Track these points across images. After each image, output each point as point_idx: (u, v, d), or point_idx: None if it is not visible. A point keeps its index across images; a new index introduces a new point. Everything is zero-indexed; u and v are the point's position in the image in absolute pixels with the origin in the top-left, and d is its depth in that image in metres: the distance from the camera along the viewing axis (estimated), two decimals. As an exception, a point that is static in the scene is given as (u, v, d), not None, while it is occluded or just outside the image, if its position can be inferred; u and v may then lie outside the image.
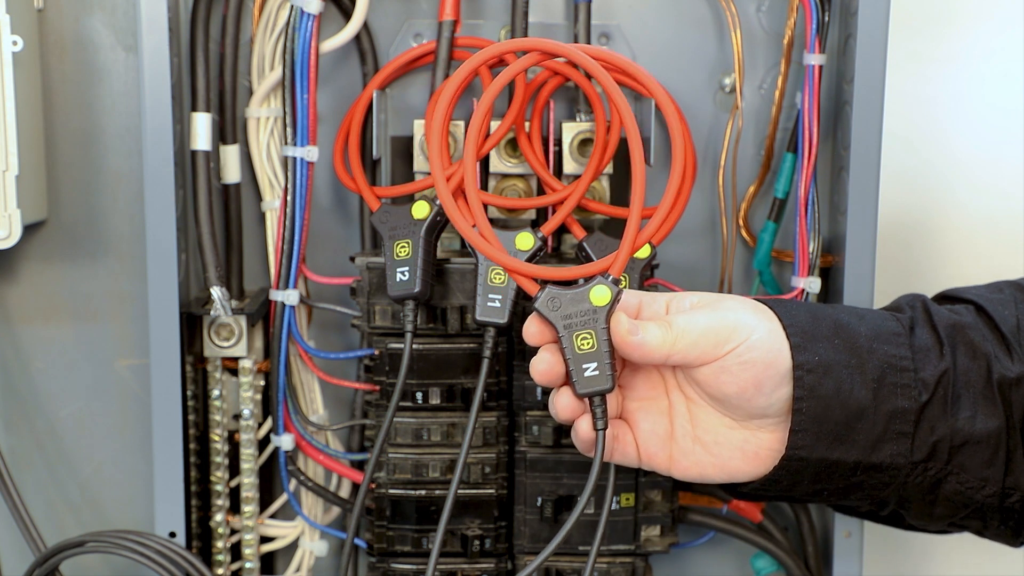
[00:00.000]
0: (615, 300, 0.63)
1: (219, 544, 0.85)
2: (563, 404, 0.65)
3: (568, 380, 0.63)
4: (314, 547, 0.87)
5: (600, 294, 0.63)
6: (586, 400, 0.64)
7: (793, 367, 0.65)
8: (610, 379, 0.63)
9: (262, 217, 0.85)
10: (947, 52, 0.91)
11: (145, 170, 0.78)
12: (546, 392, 0.78)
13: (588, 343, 0.63)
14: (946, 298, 0.75)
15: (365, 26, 0.82)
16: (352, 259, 0.80)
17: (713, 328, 0.64)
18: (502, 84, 0.65)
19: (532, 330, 0.65)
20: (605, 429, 0.63)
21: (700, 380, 0.65)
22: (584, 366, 0.63)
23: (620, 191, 0.85)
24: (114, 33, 0.84)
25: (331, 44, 0.81)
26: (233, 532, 0.86)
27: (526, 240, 0.73)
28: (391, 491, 0.80)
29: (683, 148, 0.66)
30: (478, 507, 0.81)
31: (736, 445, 0.67)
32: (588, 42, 0.81)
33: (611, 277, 0.64)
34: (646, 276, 0.79)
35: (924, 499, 0.68)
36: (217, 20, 0.82)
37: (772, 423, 0.66)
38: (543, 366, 0.64)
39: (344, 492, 0.87)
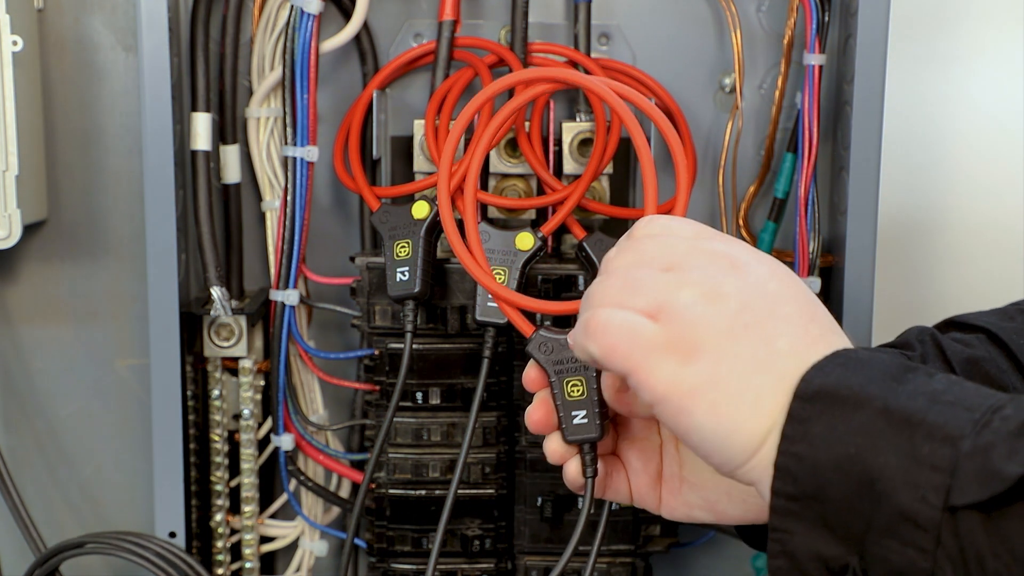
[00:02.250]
0: None
1: (219, 544, 0.85)
2: (552, 449, 0.63)
3: (559, 426, 0.62)
4: (314, 547, 0.87)
5: None
6: (577, 446, 0.63)
7: None
8: (599, 428, 0.61)
9: (262, 217, 0.85)
10: (947, 52, 0.91)
11: (145, 170, 0.78)
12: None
13: (578, 390, 0.62)
14: (952, 324, 0.73)
15: (365, 26, 0.82)
16: (352, 259, 0.80)
17: None
18: (507, 116, 0.64)
19: (531, 375, 0.63)
20: (594, 477, 0.62)
21: None
22: (573, 413, 0.62)
23: (620, 191, 0.85)
24: (114, 33, 0.84)
25: (331, 44, 0.81)
26: (233, 532, 0.86)
27: (526, 240, 0.73)
28: (391, 491, 0.80)
29: (688, 187, 0.65)
30: (478, 507, 0.81)
31: (723, 489, 0.64)
32: (588, 42, 0.81)
33: None
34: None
35: None
36: (217, 20, 0.82)
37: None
38: (537, 414, 0.63)
39: (344, 492, 0.87)
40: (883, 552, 0.45)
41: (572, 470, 0.63)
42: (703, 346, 0.49)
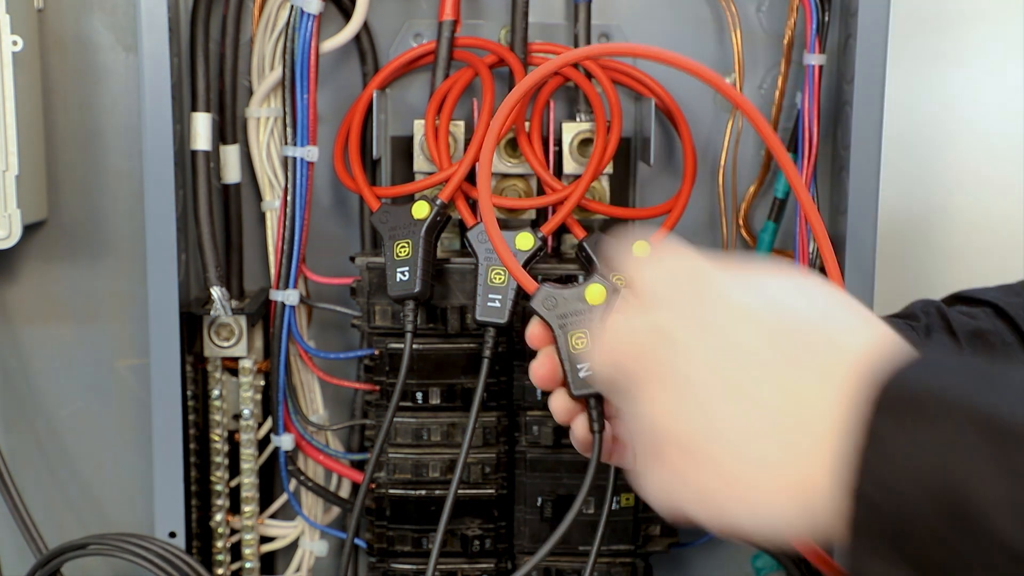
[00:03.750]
0: (612, 299, 0.61)
1: (219, 544, 0.85)
2: (558, 405, 0.63)
3: (564, 381, 0.62)
4: (314, 547, 0.87)
5: (596, 292, 0.61)
6: (583, 401, 0.63)
7: None
8: None
9: (262, 217, 0.85)
10: (947, 52, 0.91)
11: (145, 170, 0.78)
12: (546, 393, 0.78)
13: (583, 342, 0.61)
14: (959, 298, 0.73)
15: (365, 26, 0.82)
16: (352, 259, 0.80)
17: None
18: (530, 85, 0.62)
19: (535, 331, 0.63)
20: (602, 431, 0.62)
21: None
22: (579, 366, 0.61)
23: (620, 191, 0.85)
24: (114, 33, 0.84)
25: (331, 44, 0.81)
26: (233, 532, 0.86)
27: (526, 240, 0.73)
28: (391, 491, 0.80)
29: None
30: (478, 507, 0.81)
31: None
32: (588, 42, 0.81)
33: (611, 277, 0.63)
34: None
35: None
36: (217, 20, 0.82)
37: None
38: (542, 369, 0.63)
39: (344, 492, 0.87)
40: None
41: (579, 428, 0.63)
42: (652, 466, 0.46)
